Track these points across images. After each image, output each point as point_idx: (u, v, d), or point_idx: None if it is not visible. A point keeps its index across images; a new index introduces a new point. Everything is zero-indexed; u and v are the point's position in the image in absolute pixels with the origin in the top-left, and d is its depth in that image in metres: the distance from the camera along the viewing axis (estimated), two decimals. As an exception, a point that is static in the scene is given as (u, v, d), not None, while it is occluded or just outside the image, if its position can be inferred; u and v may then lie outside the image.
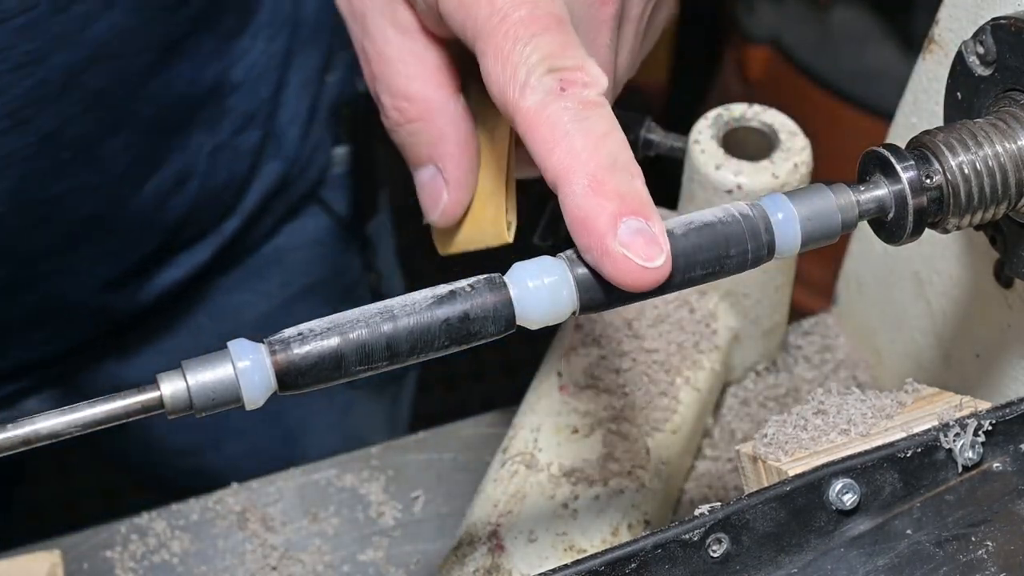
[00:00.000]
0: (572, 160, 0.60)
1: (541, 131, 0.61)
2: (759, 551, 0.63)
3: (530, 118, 0.61)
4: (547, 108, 0.61)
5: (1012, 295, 0.80)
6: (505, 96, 0.62)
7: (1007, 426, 0.66)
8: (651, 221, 0.60)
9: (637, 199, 0.60)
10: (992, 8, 0.74)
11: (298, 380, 0.57)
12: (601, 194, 0.59)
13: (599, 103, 0.61)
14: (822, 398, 0.68)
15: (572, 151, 0.60)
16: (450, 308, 0.58)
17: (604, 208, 0.59)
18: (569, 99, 0.61)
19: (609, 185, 0.59)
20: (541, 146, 0.61)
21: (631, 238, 0.59)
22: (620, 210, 0.59)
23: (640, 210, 0.60)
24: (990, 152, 0.66)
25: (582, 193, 0.59)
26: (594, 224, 0.59)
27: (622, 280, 0.59)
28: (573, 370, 0.91)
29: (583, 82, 0.61)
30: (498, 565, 0.82)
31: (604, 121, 0.61)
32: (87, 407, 0.56)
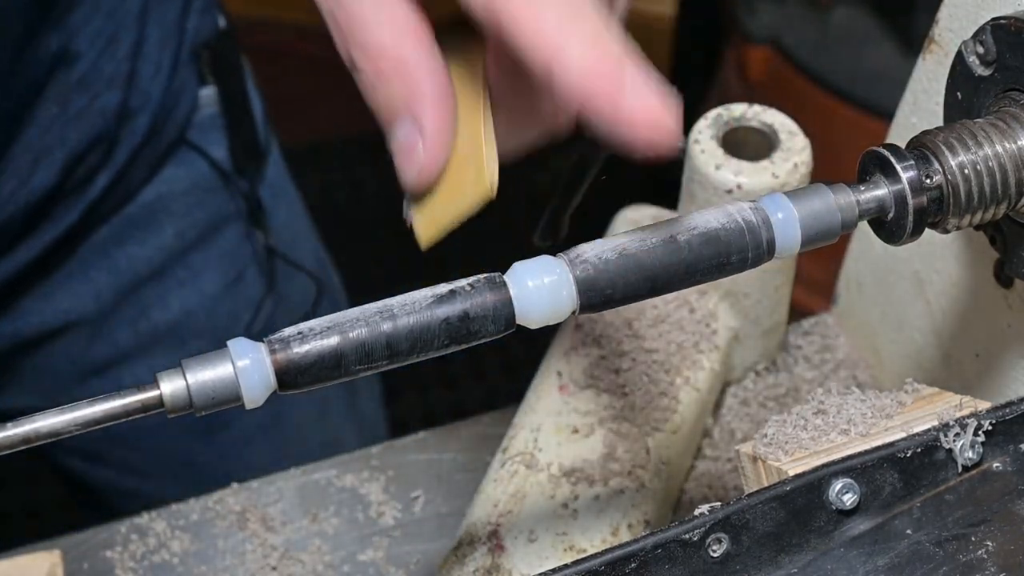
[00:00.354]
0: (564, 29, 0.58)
1: (524, 17, 0.58)
2: (759, 551, 0.63)
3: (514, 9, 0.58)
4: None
5: (1012, 295, 0.80)
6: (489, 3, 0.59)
7: (1007, 426, 0.66)
8: (652, 76, 0.58)
9: (633, 57, 0.58)
10: (992, 8, 0.74)
11: (298, 379, 0.57)
12: (600, 61, 0.57)
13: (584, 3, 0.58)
14: (822, 398, 0.68)
15: (561, 22, 0.58)
16: (450, 307, 0.58)
17: (606, 73, 0.57)
18: None
19: (604, 48, 0.58)
20: (526, 33, 0.58)
21: (641, 95, 0.57)
22: (622, 70, 0.57)
23: (640, 66, 0.58)
24: (990, 152, 0.66)
25: (579, 64, 0.57)
26: (599, 88, 0.57)
27: (645, 136, 0.57)
28: (573, 370, 0.91)
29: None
30: (498, 565, 0.82)
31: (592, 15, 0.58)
32: (86, 406, 0.56)
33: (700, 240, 0.61)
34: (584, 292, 0.60)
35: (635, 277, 0.61)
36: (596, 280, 0.60)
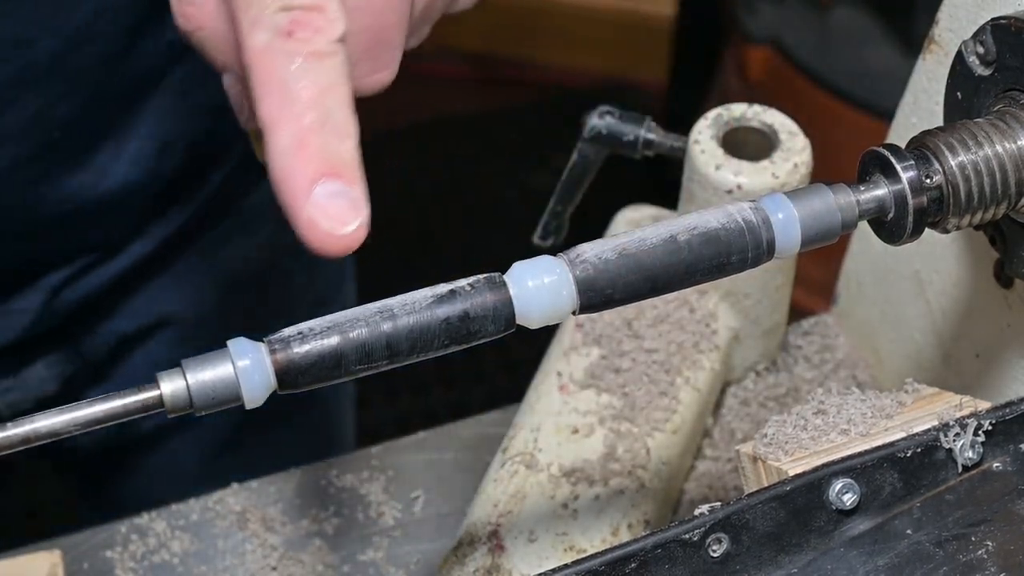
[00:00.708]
0: (282, 112, 0.57)
1: (260, 74, 0.58)
2: (759, 551, 0.63)
3: (252, 58, 0.58)
4: (270, 51, 0.58)
5: (1012, 295, 0.80)
6: (237, 26, 0.60)
7: (1007, 426, 0.66)
8: (352, 185, 0.57)
9: (340, 160, 0.57)
10: (992, 8, 0.74)
11: (298, 379, 0.57)
12: (302, 154, 0.57)
13: (327, 53, 0.58)
14: (822, 398, 0.68)
15: (284, 103, 0.58)
16: (450, 307, 0.58)
17: (303, 169, 0.57)
18: (296, 44, 0.58)
19: (313, 146, 0.57)
20: (257, 90, 0.58)
21: (326, 201, 0.57)
22: (320, 171, 0.57)
23: (342, 172, 0.57)
24: (990, 152, 0.66)
25: (284, 150, 0.57)
26: (291, 184, 0.57)
27: (312, 244, 0.57)
28: (573, 370, 0.91)
29: (315, 26, 0.58)
30: (498, 565, 0.82)
31: (326, 74, 0.58)
32: (86, 406, 0.56)
33: (700, 240, 0.61)
34: (584, 292, 0.60)
35: (635, 277, 0.61)
36: (596, 280, 0.60)
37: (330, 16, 0.59)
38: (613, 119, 0.91)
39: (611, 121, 0.91)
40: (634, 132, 0.91)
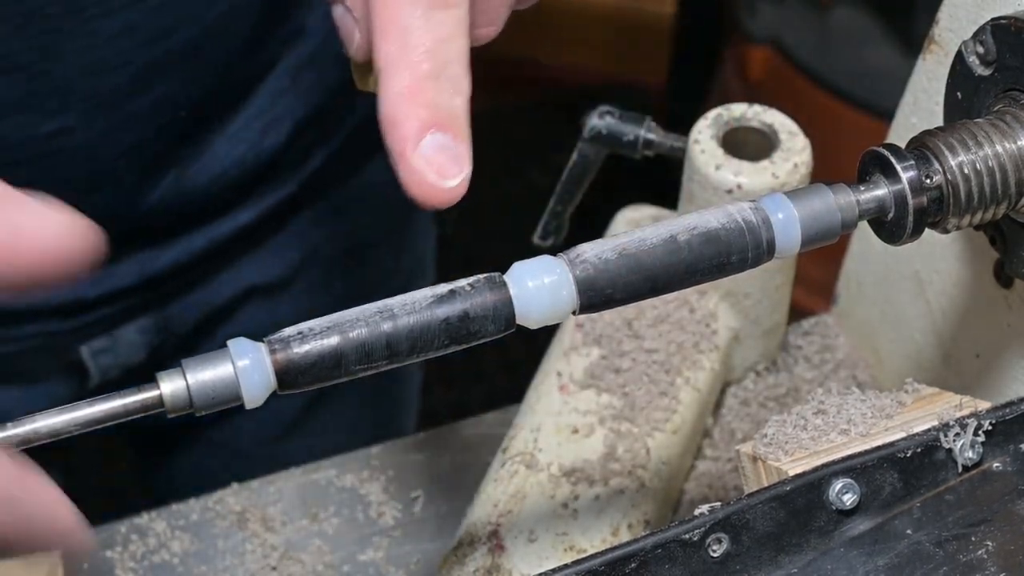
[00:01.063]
0: (401, 56, 0.58)
1: (383, 15, 0.58)
2: (759, 551, 0.63)
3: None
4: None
5: (1012, 295, 0.80)
6: None
7: (1007, 426, 0.66)
8: (458, 139, 0.58)
9: (450, 114, 0.58)
10: (992, 8, 0.74)
11: (298, 379, 0.57)
12: (416, 100, 0.57)
13: (452, 3, 0.58)
14: (822, 398, 0.68)
15: (404, 48, 0.58)
16: (450, 307, 0.58)
17: (414, 115, 0.57)
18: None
19: (427, 94, 0.57)
20: (379, 29, 0.58)
21: (432, 152, 0.57)
22: (430, 121, 0.57)
23: (450, 126, 0.58)
24: (990, 152, 0.66)
25: (398, 93, 0.57)
26: (400, 129, 0.57)
27: (412, 192, 0.58)
28: (573, 370, 0.91)
29: None
30: (498, 565, 0.82)
31: (448, 25, 0.58)
32: (87, 406, 0.56)
33: (700, 240, 0.61)
34: (584, 292, 0.60)
35: (635, 277, 0.61)
36: (596, 280, 0.60)
37: None
38: (613, 119, 0.91)
39: (611, 121, 0.91)
40: (634, 132, 0.91)
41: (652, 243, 0.61)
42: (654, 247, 0.61)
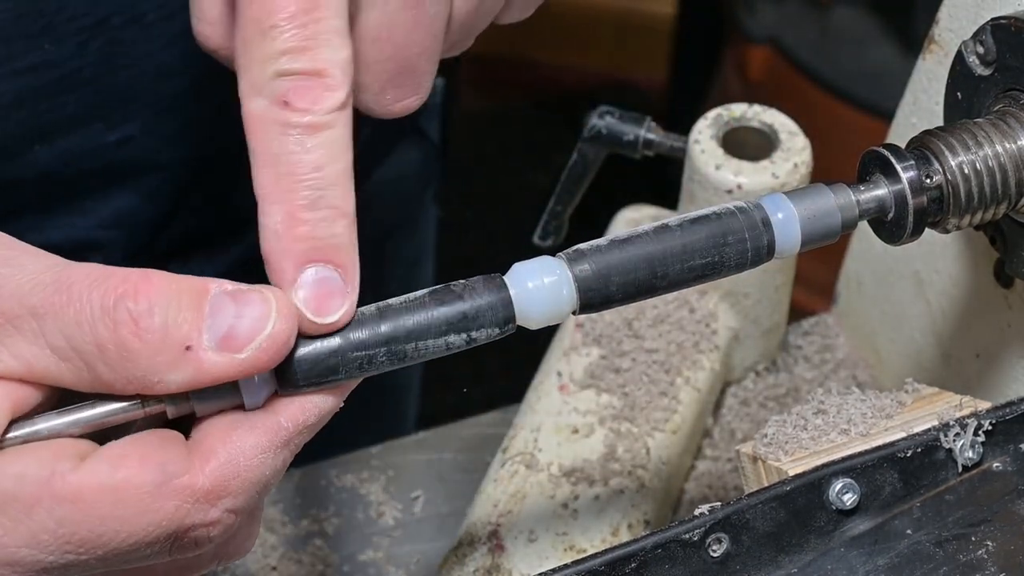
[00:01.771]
0: (274, 188, 0.56)
1: (255, 142, 0.57)
2: (759, 551, 0.63)
3: (249, 124, 0.57)
4: (265, 120, 0.56)
5: (1012, 295, 0.80)
6: (239, 80, 0.58)
7: (1007, 426, 0.66)
8: (342, 267, 0.57)
9: (329, 244, 0.57)
10: (992, 8, 0.74)
11: (298, 380, 0.57)
12: (291, 236, 0.56)
13: (324, 124, 0.56)
14: (822, 398, 0.68)
15: (277, 177, 0.56)
16: (450, 309, 0.58)
17: (290, 253, 0.56)
18: (292, 114, 0.56)
19: (303, 228, 0.56)
20: (253, 158, 0.57)
21: (310, 290, 0.56)
22: (306, 256, 0.56)
23: (330, 256, 0.57)
24: (990, 152, 0.66)
25: (273, 229, 0.56)
26: (277, 265, 0.57)
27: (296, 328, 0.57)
28: (573, 370, 0.91)
29: (313, 95, 0.56)
30: (498, 565, 0.82)
31: (321, 151, 0.56)
32: (88, 408, 0.56)
33: (700, 241, 0.61)
34: (584, 292, 0.60)
35: (635, 277, 0.61)
36: (596, 280, 0.60)
37: (330, 82, 0.56)
38: (613, 119, 0.91)
39: (611, 121, 0.91)
40: (634, 132, 0.91)
41: (651, 243, 0.61)
42: (653, 247, 0.61)
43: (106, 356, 0.54)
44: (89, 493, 0.54)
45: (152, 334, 0.53)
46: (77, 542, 0.54)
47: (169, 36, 0.88)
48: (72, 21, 0.84)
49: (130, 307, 0.53)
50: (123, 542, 0.55)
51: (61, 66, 0.85)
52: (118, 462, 0.54)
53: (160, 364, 0.53)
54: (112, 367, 0.54)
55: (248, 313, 0.54)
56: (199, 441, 0.56)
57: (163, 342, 0.53)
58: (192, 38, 0.90)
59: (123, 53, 0.87)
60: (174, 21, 0.88)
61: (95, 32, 0.85)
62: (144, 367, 0.53)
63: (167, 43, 0.88)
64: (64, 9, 0.84)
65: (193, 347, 0.53)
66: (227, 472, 0.56)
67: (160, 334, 0.53)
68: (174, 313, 0.53)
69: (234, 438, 0.56)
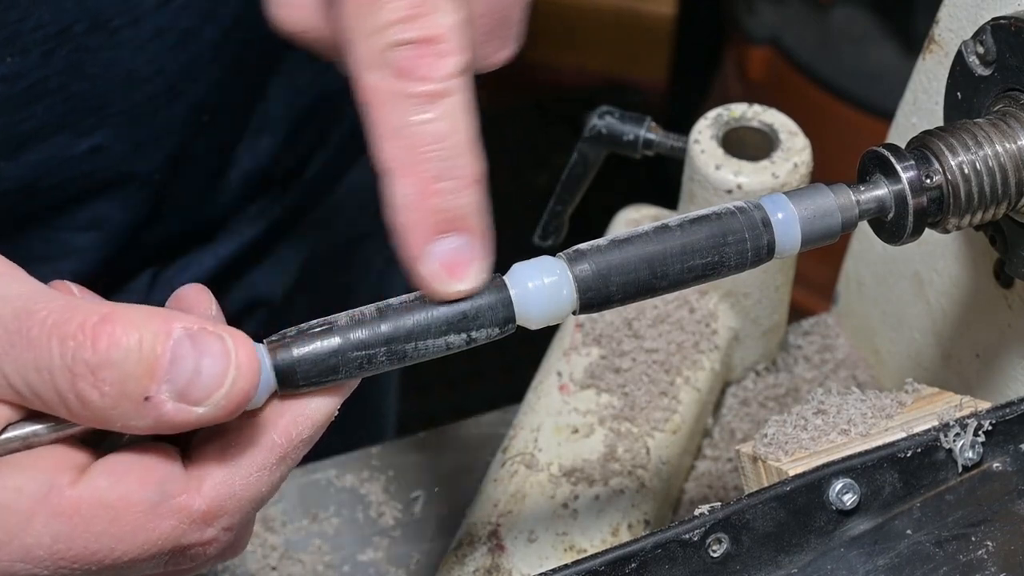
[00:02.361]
0: (400, 161, 0.56)
1: (376, 116, 0.56)
2: (759, 551, 0.63)
3: (368, 97, 0.56)
4: (384, 92, 0.56)
5: (1012, 295, 0.80)
6: (351, 60, 0.57)
7: (1007, 426, 0.66)
8: (472, 235, 0.57)
9: (458, 214, 0.57)
10: (992, 8, 0.74)
11: (298, 380, 0.57)
12: (422, 207, 0.56)
13: (445, 92, 0.56)
14: (822, 398, 0.68)
15: (402, 151, 0.56)
16: (450, 309, 0.58)
17: (421, 224, 0.56)
18: (411, 84, 0.55)
19: (433, 199, 0.56)
20: (375, 131, 0.57)
21: (443, 258, 0.57)
22: (437, 227, 0.57)
23: (460, 224, 0.57)
24: (990, 152, 0.66)
25: (404, 200, 0.56)
26: (410, 237, 0.57)
27: (429, 295, 0.58)
28: (573, 370, 0.91)
29: (430, 64, 0.55)
30: (498, 565, 0.82)
31: (444, 118, 0.56)
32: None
33: (700, 241, 0.61)
34: (584, 292, 0.60)
35: (635, 277, 0.61)
36: (596, 280, 0.60)
37: (447, 47, 0.56)
38: (613, 119, 0.91)
39: (611, 121, 0.91)
40: (634, 132, 0.91)
41: (651, 243, 0.61)
42: (653, 247, 0.61)
43: (67, 403, 0.53)
44: (87, 509, 0.54)
45: (110, 387, 0.52)
46: (71, 558, 0.54)
47: (137, 42, 0.87)
48: (37, 30, 0.83)
49: (87, 359, 0.52)
50: (118, 559, 0.54)
51: (27, 76, 0.84)
52: (118, 478, 0.54)
53: (121, 414, 0.53)
54: (74, 413, 0.53)
55: (207, 367, 0.53)
56: (196, 459, 0.56)
57: (121, 395, 0.52)
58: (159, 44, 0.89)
59: (90, 60, 0.86)
60: (140, 26, 0.87)
61: (60, 40, 0.84)
62: (106, 415, 0.53)
63: (135, 49, 0.87)
64: (27, 19, 0.82)
65: (152, 398, 0.52)
66: (223, 492, 0.56)
67: (118, 387, 0.52)
68: (133, 365, 0.52)
69: (229, 457, 0.56)
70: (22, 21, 0.82)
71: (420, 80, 0.55)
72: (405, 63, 0.55)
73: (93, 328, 0.52)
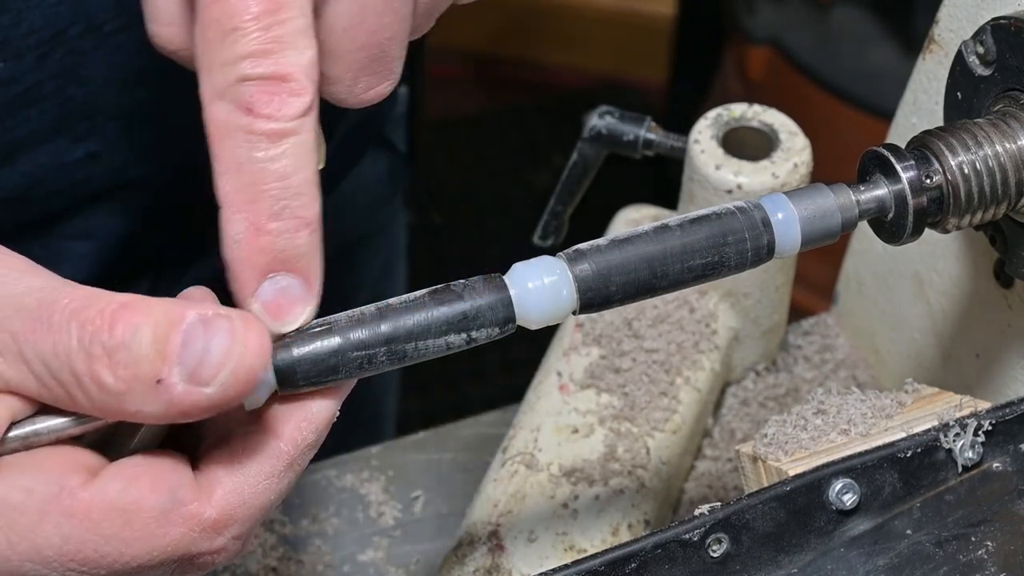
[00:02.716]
0: (237, 197, 0.56)
1: (219, 149, 0.56)
2: (759, 551, 0.63)
3: (212, 130, 0.56)
4: (228, 127, 0.55)
5: (1012, 295, 0.80)
6: (201, 88, 0.56)
7: (1007, 426, 0.66)
8: (304, 276, 0.57)
9: (291, 254, 0.56)
10: (992, 8, 0.74)
11: (298, 380, 0.57)
12: (253, 245, 0.56)
13: (289, 131, 0.55)
14: (822, 398, 0.68)
15: (240, 186, 0.56)
16: (450, 308, 0.58)
17: (252, 261, 0.56)
18: (256, 121, 0.55)
19: (265, 238, 0.56)
20: (216, 163, 0.56)
21: (271, 298, 0.57)
22: (268, 267, 0.56)
23: (292, 265, 0.57)
24: (990, 152, 0.66)
25: (236, 239, 0.56)
26: (239, 275, 0.57)
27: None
28: (573, 370, 0.91)
29: (278, 101, 0.55)
30: (498, 565, 0.82)
31: (286, 159, 0.55)
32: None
33: (700, 241, 0.61)
34: (584, 292, 0.60)
35: (635, 277, 0.61)
36: (596, 280, 0.60)
37: (295, 87, 0.55)
38: (613, 119, 0.91)
39: (611, 121, 0.91)
40: (634, 132, 0.91)
41: (651, 243, 0.61)
42: (653, 247, 0.61)
43: (83, 386, 0.53)
44: (97, 512, 0.54)
45: (125, 369, 0.53)
46: (81, 560, 0.54)
47: (130, 47, 0.86)
48: (30, 35, 0.82)
49: (104, 341, 0.53)
50: (127, 564, 0.54)
51: (21, 80, 0.84)
52: (130, 482, 0.55)
53: (134, 397, 0.53)
54: (90, 397, 0.54)
55: (215, 346, 0.53)
56: (204, 468, 0.57)
57: (135, 377, 0.53)
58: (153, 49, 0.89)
59: (84, 65, 0.85)
60: (133, 31, 0.86)
61: (55, 43, 0.84)
62: (119, 399, 0.53)
63: (129, 55, 0.87)
64: (20, 23, 0.82)
65: (164, 381, 0.53)
66: (233, 501, 0.56)
67: (132, 369, 0.53)
68: (146, 348, 0.53)
69: (238, 466, 0.56)
70: (15, 25, 0.82)
71: (266, 118, 0.55)
72: (252, 99, 0.55)
73: (112, 314, 0.53)
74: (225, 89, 0.55)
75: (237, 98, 0.55)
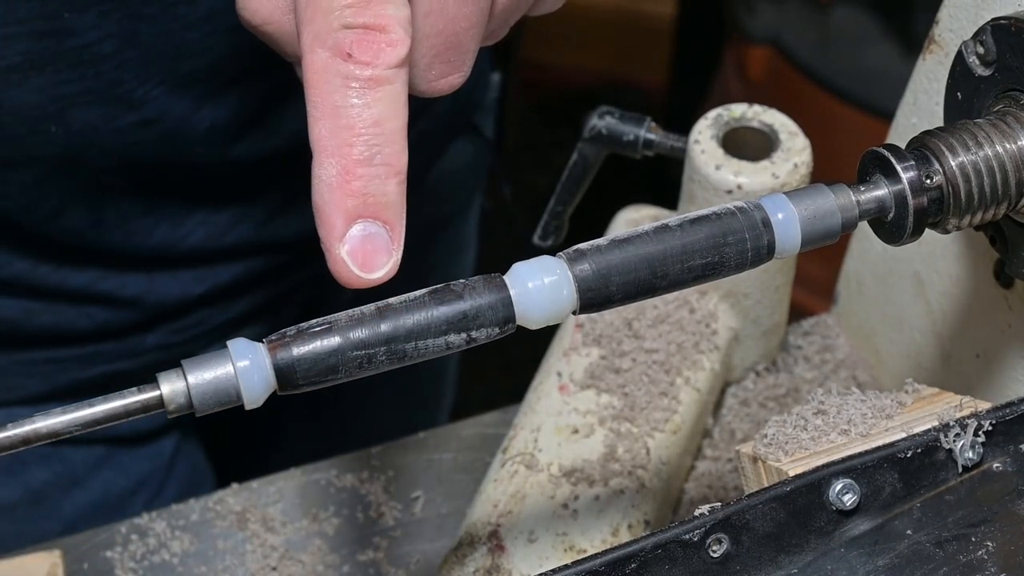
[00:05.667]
0: (331, 140, 0.57)
1: (315, 94, 0.57)
2: (759, 551, 0.63)
3: (309, 75, 0.57)
4: (327, 71, 0.57)
5: (1012, 295, 0.80)
6: (300, 36, 0.58)
7: (1007, 426, 0.66)
8: (390, 225, 0.58)
9: (380, 201, 0.57)
10: (992, 8, 0.74)
11: (298, 379, 0.57)
12: (344, 190, 0.57)
13: (385, 79, 0.57)
14: (822, 398, 0.68)
15: (335, 130, 0.57)
16: (450, 308, 0.58)
17: (341, 207, 0.57)
18: (354, 67, 0.57)
19: (356, 183, 0.57)
20: (311, 108, 0.58)
21: (358, 244, 0.57)
22: (356, 212, 0.57)
23: (380, 213, 0.57)
24: (990, 152, 0.66)
25: (327, 182, 0.57)
26: (328, 219, 0.57)
27: (338, 279, 0.58)
28: (573, 370, 0.91)
29: (376, 49, 0.57)
30: (498, 565, 0.82)
31: (381, 104, 0.57)
32: (86, 407, 0.56)
33: (700, 241, 0.61)
34: (584, 292, 0.60)
35: (635, 277, 0.61)
36: (596, 280, 0.60)
37: (392, 37, 0.57)
38: (613, 119, 0.91)
39: (611, 121, 0.91)
40: (634, 132, 0.91)
41: (651, 243, 0.61)
42: (653, 247, 0.61)
43: None
44: None
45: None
46: None
47: (190, 19, 0.88)
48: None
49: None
50: None
51: (81, 34, 0.85)
52: None
53: None
54: None
55: None
56: None
57: None
58: (211, 25, 0.89)
59: (143, 30, 0.87)
60: (194, 5, 0.88)
61: (117, 4, 0.85)
62: None
63: (187, 26, 0.88)
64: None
65: None
66: None
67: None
68: None
69: None
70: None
71: (364, 64, 0.57)
72: (352, 46, 0.57)
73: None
74: (327, 35, 0.57)
75: (337, 44, 0.57)
